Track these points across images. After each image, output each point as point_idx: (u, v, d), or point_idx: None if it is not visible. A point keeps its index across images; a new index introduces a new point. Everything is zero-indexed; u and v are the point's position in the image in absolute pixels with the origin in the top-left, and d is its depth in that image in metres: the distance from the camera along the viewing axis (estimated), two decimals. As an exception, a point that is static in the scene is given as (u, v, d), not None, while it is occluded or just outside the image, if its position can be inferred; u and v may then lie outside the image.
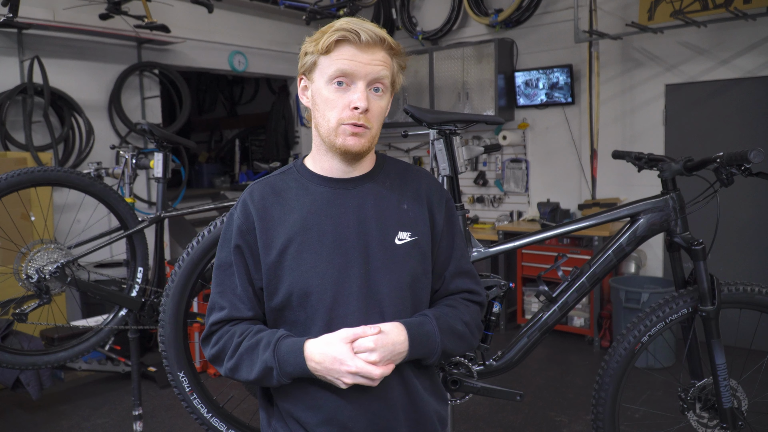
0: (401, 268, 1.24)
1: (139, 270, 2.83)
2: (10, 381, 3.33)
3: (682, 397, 2.05)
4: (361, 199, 1.25)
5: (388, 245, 1.24)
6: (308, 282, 1.21)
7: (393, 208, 1.27)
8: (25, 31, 4.18)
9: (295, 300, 1.22)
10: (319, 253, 1.22)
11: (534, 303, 4.87)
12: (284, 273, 1.22)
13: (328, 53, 1.18)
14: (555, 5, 5.05)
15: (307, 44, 1.24)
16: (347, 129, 1.18)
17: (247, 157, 8.46)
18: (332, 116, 1.19)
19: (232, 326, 1.27)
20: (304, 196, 1.26)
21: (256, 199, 1.27)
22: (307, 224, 1.23)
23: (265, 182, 1.30)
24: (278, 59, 6.00)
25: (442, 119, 1.98)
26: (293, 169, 1.32)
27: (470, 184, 5.71)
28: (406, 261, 1.25)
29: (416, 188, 1.32)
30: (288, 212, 1.25)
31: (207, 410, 2.18)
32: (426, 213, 1.31)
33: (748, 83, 4.24)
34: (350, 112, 1.18)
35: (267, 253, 1.23)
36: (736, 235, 4.29)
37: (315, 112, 1.24)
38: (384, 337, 1.16)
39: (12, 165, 3.78)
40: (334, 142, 1.20)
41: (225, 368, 1.27)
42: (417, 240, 1.27)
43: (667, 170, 1.94)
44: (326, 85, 1.19)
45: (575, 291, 2.02)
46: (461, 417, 3.38)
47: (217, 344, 1.27)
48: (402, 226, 1.27)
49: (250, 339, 1.23)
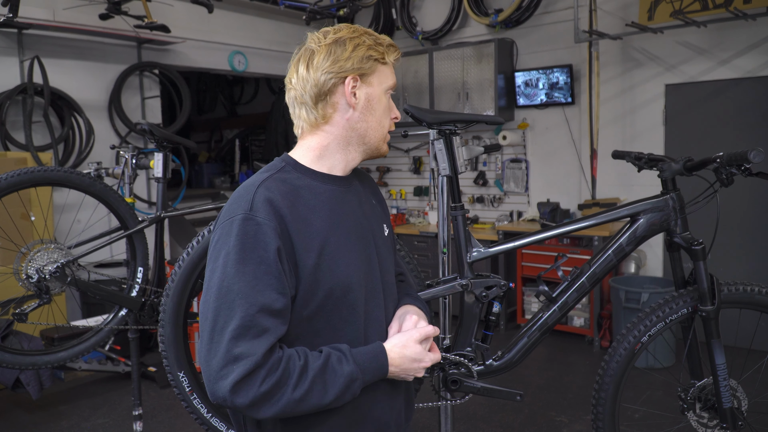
0: (392, 258, 1.40)
1: (139, 270, 2.83)
2: (10, 381, 3.33)
3: (682, 397, 2.05)
4: (357, 196, 1.32)
5: (383, 238, 1.35)
6: (348, 281, 1.19)
7: (372, 204, 1.38)
8: (25, 31, 4.18)
9: (333, 302, 1.18)
10: (350, 250, 1.22)
11: (534, 303, 4.87)
12: (323, 275, 1.16)
13: (386, 64, 1.27)
14: (555, 5, 5.05)
15: (365, 48, 1.22)
16: (388, 137, 1.32)
17: (247, 157, 8.46)
18: (386, 123, 1.30)
19: (281, 351, 1.10)
20: (318, 195, 1.22)
21: (279, 198, 1.14)
22: (334, 223, 1.21)
23: (277, 179, 1.19)
24: (278, 59, 6.00)
25: (442, 119, 1.97)
26: (288, 167, 1.24)
27: (470, 184, 5.71)
28: (392, 251, 1.40)
29: (372, 185, 1.45)
30: (312, 211, 1.18)
31: (207, 410, 2.18)
32: (384, 205, 1.46)
33: (748, 83, 4.24)
34: (391, 122, 1.32)
35: (306, 255, 1.14)
36: (736, 235, 4.29)
37: (366, 116, 1.25)
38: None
39: (12, 165, 3.78)
40: (381, 147, 1.31)
41: (287, 400, 1.07)
42: (390, 230, 1.42)
43: (667, 170, 1.94)
44: (384, 93, 1.28)
45: (575, 291, 2.01)
46: (461, 417, 3.38)
47: (274, 374, 1.06)
48: (381, 219, 1.39)
49: (313, 359, 1.11)
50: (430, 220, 5.82)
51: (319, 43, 1.22)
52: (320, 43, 1.22)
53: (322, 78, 1.20)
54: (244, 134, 8.60)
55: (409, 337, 1.24)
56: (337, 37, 1.22)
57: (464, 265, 1.99)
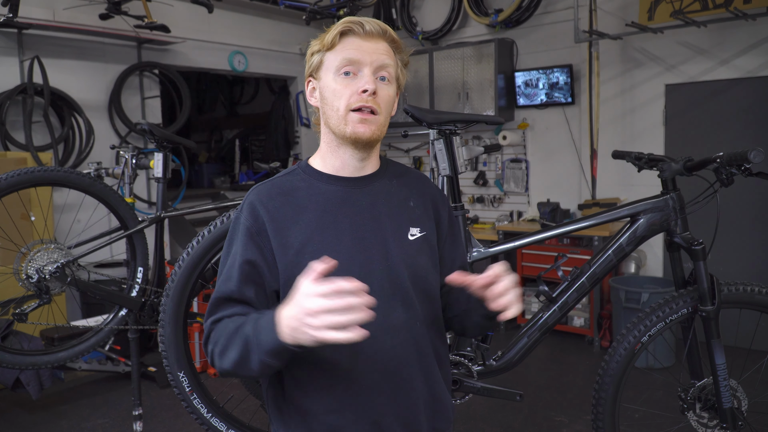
0: (417, 263, 1.28)
1: (139, 270, 2.83)
2: (10, 381, 3.33)
3: (682, 397, 2.05)
4: (372, 197, 1.28)
5: (403, 240, 1.28)
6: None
7: (402, 205, 1.31)
8: (25, 31, 4.18)
9: None
10: (339, 252, 1.20)
11: (534, 303, 4.87)
12: (302, 271, 1.12)
13: (333, 48, 1.22)
14: (555, 5, 5.05)
15: (312, 45, 1.26)
16: (355, 116, 1.20)
17: (247, 157, 8.45)
18: (341, 104, 1.21)
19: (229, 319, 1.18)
20: (316, 195, 1.24)
21: (264, 200, 1.23)
22: (324, 223, 1.22)
23: (270, 183, 1.27)
24: (278, 59, 6.00)
25: (442, 119, 1.98)
26: (298, 170, 1.30)
27: (470, 184, 5.71)
28: (419, 255, 1.29)
29: (420, 187, 1.37)
30: (301, 212, 1.22)
31: (207, 410, 2.18)
32: (431, 210, 1.35)
33: (748, 83, 4.24)
34: (358, 96, 1.20)
35: (284, 252, 1.20)
36: (736, 235, 4.29)
37: (324, 108, 1.25)
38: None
39: (12, 165, 3.78)
40: (344, 131, 1.21)
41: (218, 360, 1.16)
42: (426, 235, 1.31)
43: (667, 170, 1.94)
44: (334, 77, 1.22)
45: (575, 291, 2.02)
46: (461, 417, 3.38)
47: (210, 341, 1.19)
48: (412, 222, 1.31)
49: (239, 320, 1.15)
50: (430, 220, 5.81)
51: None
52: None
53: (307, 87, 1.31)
54: (244, 134, 8.60)
55: (300, 290, 1.00)
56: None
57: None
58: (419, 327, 1.27)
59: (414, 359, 1.25)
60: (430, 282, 1.31)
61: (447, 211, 1.39)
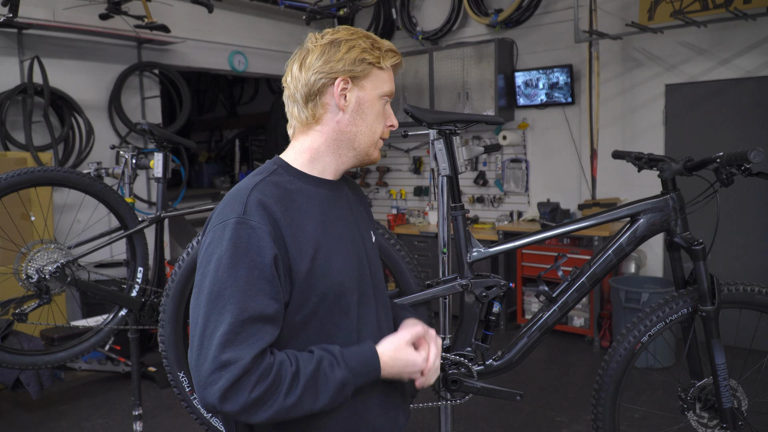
0: (380, 264, 1.38)
1: (139, 270, 2.83)
2: (10, 381, 3.33)
3: (682, 397, 2.05)
4: (347, 200, 1.32)
5: (371, 243, 1.36)
6: (341, 285, 1.19)
7: (360, 210, 1.38)
8: (25, 31, 4.18)
9: (326, 306, 1.17)
10: (342, 255, 1.21)
11: (534, 303, 4.87)
12: (317, 279, 1.15)
13: (383, 69, 1.24)
14: (555, 5, 5.05)
15: (361, 46, 1.20)
16: (380, 143, 1.29)
17: (247, 157, 8.46)
18: (379, 129, 1.27)
19: (272, 356, 1.07)
20: (312, 198, 1.21)
21: (273, 201, 1.13)
22: (326, 227, 1.20)
23: (270, 183, 1.17)
24: (278, 59, 5.99)
25: (442, 119, 1.97)
26: (280, 170, 1.22)
27: (470, 184, 5.71)
28: (379, 257, 1.40)
29: (359, 192, 1.44)
30: (304, 215, 1.17)
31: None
32: (370, 213, 1.47)
33: (748, 83, 4.24)
34: (387, 130, 1.29)
35: (300, 260, 1.12)
36: (736, 235, 4.29)
37: (357, 121, 1.23)
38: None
39: (12, 165, 3.78)
40: (371, 153, 1.28)
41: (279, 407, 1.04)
42: (376, 237, 1.42)
43: (667, 170, 1.94)
44: (379, 99, 1.25)
45: (575, 291, 2.01)
46: (461, 417, 3.38)
47: (265, 381, 1.03)
48: (368, 226, 1.39)
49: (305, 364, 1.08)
50: (430, 220, 5.82)
51: (315, 42, 1.22)
52: (316, 43, 1.22)
53: (312, 78, 1.20)
54: (244, 134, 8.60)
55: (401, 338, 1.22)
56: (333, 38, 1.21)
57: (464, 265, 1.99)
58: (390, 326, 1.36)
59: None
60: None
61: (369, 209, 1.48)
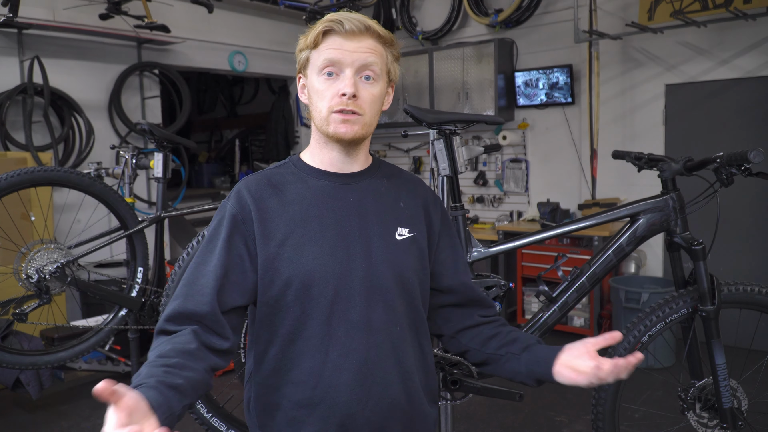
0: (402, 263, 1.26)
1: (139, 270, 2.83)
2: (10, 381, 3.33)
3: (682, 397, 2.04)
4: (360, 194, 1.27)
5: (390, 240, 1.26)
6: (310, 274, 1.19)
7: (391, 204, 1.30)
8: (25, 31, 4.17)
9: (293, 292, 1.19)
10: (321, 246, 1.21)
11: (534, 303, 4.87)
12: (283, 265, 1.19)
13: (317, 46, 1.22)
14: (555, 5, 5.05)
15: (300, 42, 1.26)
16: (337, 117, 1.20)
17: (247, 157, 8.45)
18: (323, 105, 1.21)
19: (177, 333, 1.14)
20: (304, 189, 1.25)
21: (252, 190, 1.24)
22: (308, 216, 1.22)
23: (260, 175, 1.29)
24: (278, 59, 5.99)
25: (442, 119, 1.97)
26: (289, 163, 1.31)
27: (470, 184, 5.71)
28: (406, 256, 1.27)
29: (412, 188, 1.36)
30: (287, 204, 1.23)
31: (207, 410, 2.18)
32: (422, 213, 1.34)
33: (748, 83, 4.24)
34: (339, 99, 1.19)
35: (265, 243, 1.20)
36: (736, 235, 4.29)
37: (310, 106, 1.26)
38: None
39: (12, 165, 3.78)
40: (327, 130, 1.22)
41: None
42: (415, 236, 1.30)
43: (667, 170, 1.94)
44: (317, 76, 1.22)
45: (575, 291, 2.01)
46: (461, 417, 3.38)
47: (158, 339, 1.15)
48: (401, 222, 1.29)
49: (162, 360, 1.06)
50: (430, 220, 5.81)
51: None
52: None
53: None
54: (244, 134, 8.60)
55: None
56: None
57: (464, 265, 1.99)
58: (399, 330, 1.25)
59: (391, 363, 1.23)
60: (416, 284, 1.29)
61: (440, 214, 1.38)
